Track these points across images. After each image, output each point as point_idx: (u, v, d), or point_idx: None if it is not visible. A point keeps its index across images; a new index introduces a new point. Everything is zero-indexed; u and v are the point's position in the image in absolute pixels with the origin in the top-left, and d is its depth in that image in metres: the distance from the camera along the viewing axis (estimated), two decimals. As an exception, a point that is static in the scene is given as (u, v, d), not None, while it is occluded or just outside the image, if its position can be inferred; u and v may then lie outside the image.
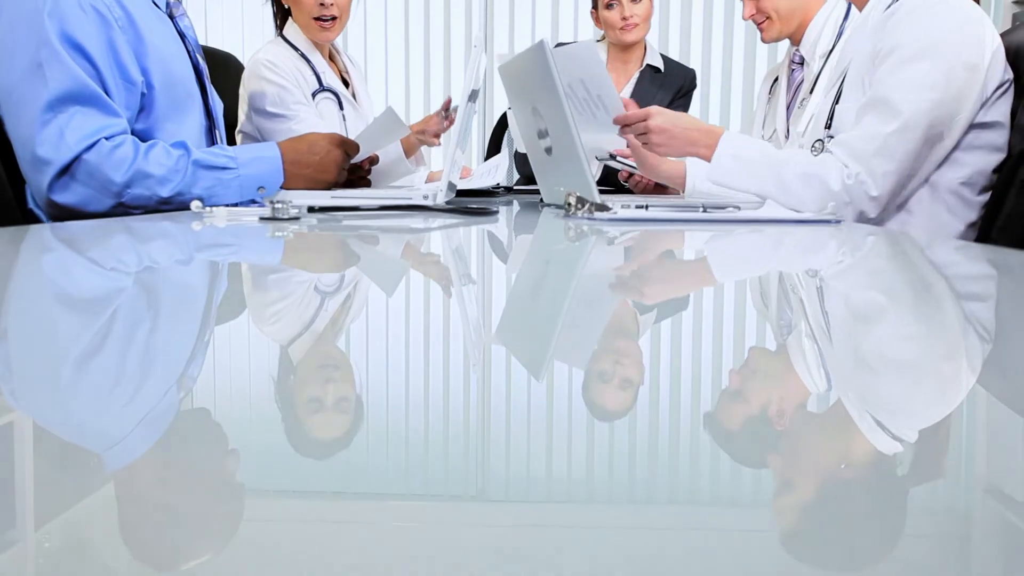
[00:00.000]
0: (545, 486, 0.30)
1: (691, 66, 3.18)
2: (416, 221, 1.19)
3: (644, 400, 0.39)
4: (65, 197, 1.37)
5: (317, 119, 2.20)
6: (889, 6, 1.55)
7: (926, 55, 1.40)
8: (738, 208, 1.32)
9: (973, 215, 1.51)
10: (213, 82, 2.54)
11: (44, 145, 1.36)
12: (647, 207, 1.28)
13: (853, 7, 1.87)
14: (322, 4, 2.15)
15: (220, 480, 0.29)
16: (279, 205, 1.09)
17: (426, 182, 2.34)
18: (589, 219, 1.16)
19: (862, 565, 0.24)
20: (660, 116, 1.57)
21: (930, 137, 1.42)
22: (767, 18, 2.29)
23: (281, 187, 1.49)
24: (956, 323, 0.57)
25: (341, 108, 2.31)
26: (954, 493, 0.30)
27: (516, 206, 1.92)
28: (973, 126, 1.47)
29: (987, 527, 0.27)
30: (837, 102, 1.60)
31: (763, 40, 2.37)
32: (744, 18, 2.35)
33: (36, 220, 1.46)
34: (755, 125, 2.51)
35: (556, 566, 0.22)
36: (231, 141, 2.37)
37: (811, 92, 2.31)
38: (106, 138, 1.38)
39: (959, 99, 1.42)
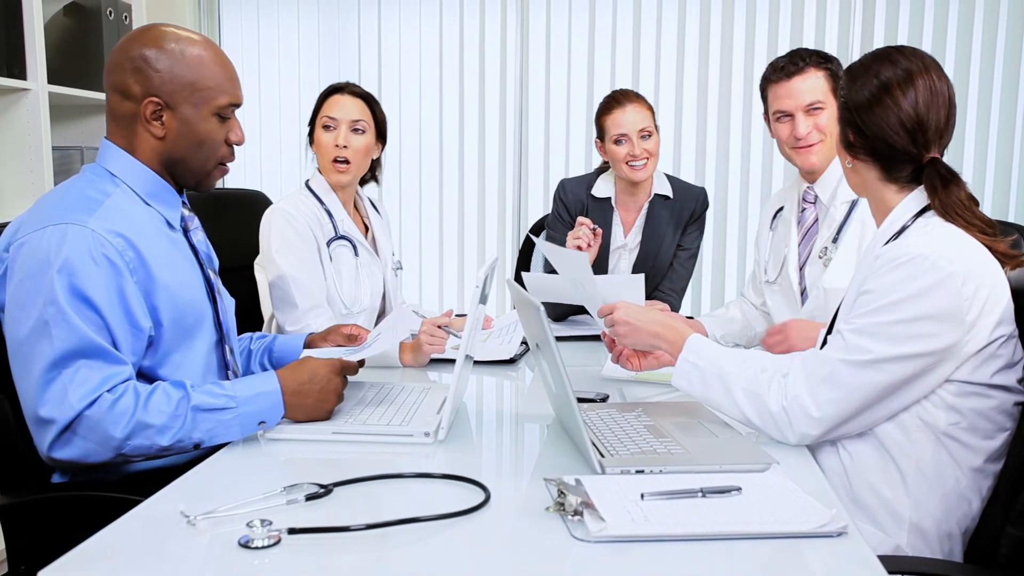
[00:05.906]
0: None
1: (703, 185, 3.11)
2: (400, 537, 1.13)
3: None
4: (66, 453, 1.39)
5: (320, 275, 2.30)
6: (888, 240, 1.51)
7: (895, 308, 1.40)
8: (739, 490, 1.28)
9: (977, 460, 1.46)
10: (241, 220, 2.59)
11: (47, 405, 1.37)
12: (643, 495, 1.25)
13: None
14: (337, 146, 2.29)
15: None
16: (258, 530, 1.08)
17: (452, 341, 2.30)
18: (581, 540, 1.13)
19: None
20: (624, 310, 1.65)
21: (893, 383, 1.42)
22: (821, 140, 2.18)
23: (283, 417, 1.49)
24: None
25: (356, 255, 2.40)
26: None
27: (522, 402, 1.87)
28: (970, 382, 1.43)
29: None
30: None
31: (805, 164, 2.22)
32: (799, 134, 2.18)
33: (40, 462, 1.48)
34: (759, 263, 2.42)
35: None
36: (249, 271, 2.43)
37: (834, 241, 2.19)
38: (108, 391, 1.39)
39: (930, 353, 1.40)
